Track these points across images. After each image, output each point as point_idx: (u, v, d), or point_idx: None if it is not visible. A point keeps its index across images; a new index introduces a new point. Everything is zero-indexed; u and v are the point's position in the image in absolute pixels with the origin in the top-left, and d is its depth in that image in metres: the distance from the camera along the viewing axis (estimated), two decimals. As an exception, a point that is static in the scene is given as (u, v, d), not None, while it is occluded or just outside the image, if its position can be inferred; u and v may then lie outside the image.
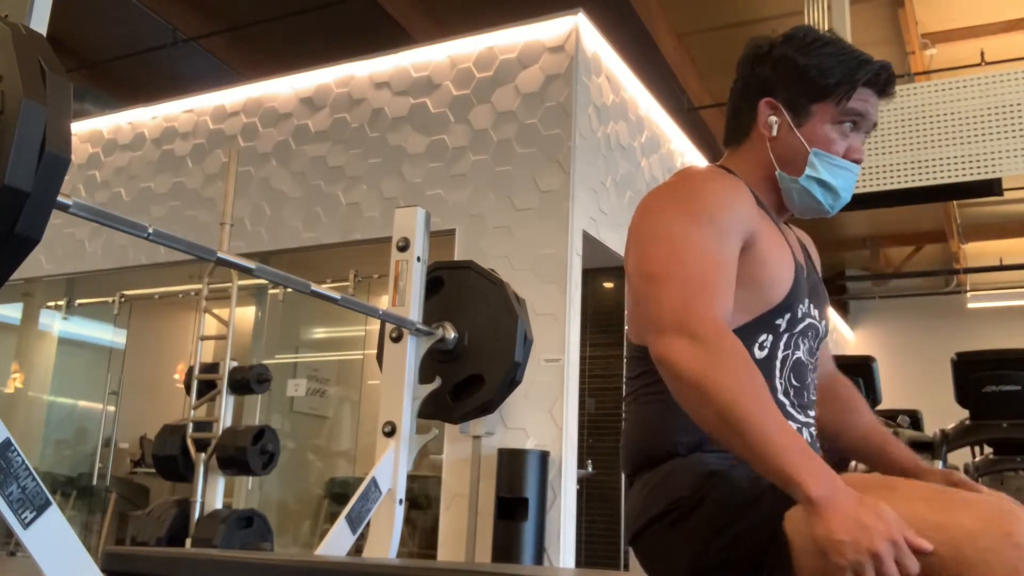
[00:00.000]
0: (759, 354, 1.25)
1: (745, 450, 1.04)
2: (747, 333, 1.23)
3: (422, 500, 5.36)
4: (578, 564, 4.40)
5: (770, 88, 1.32)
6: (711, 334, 1.09)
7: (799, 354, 1.29)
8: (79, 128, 6.38)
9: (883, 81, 1.31)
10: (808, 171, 1.31)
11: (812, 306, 1.33)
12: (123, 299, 6.63)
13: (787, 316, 1.27)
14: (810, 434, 1.31)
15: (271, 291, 5.95)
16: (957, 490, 1.01)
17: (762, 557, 1.07)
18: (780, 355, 1.27)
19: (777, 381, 1.26)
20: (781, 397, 1.26)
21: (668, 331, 1.11)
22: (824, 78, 1.28)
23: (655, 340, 1.12)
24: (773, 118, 1.32)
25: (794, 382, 1.29)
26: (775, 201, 1.37)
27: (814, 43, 1.31)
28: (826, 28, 4.72)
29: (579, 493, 4.46)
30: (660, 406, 1.24)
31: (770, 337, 1.25)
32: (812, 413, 1.33)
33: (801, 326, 1.29)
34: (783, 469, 1.00)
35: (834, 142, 1.31)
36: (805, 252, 1.43)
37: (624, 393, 1.36)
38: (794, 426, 1.22)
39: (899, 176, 3.86)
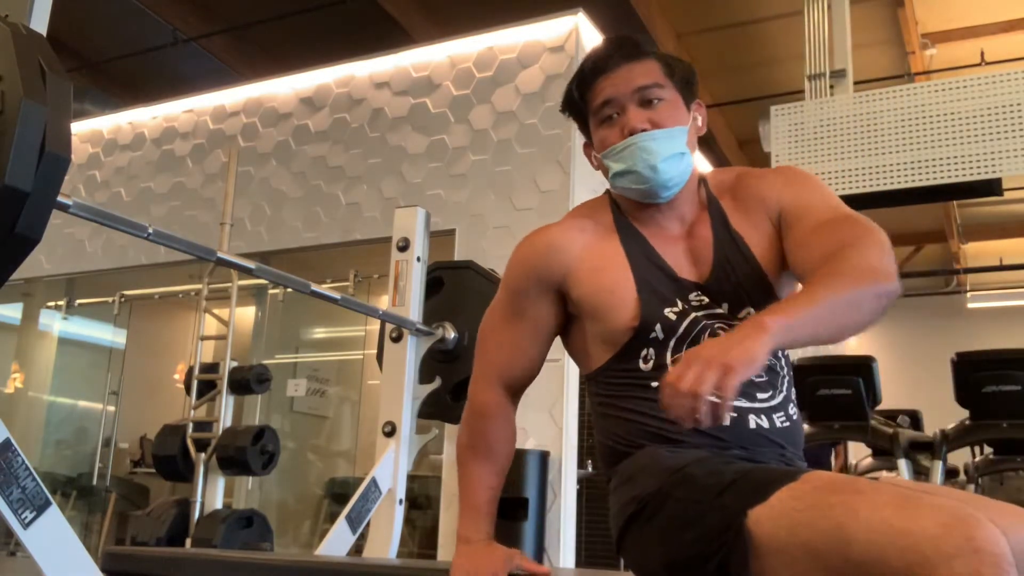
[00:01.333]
0: (644, 366, 1.30)
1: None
2: (622, 359, 1.31)
3: (422, 500, 5.36)
4: (578, 564, 4.40)
5: (586, 136, 1.45)
6: (467, 416, 1.49)
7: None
8: (79, 128, 6.38)
9: (595, 61, 1.38)
10: (611, 173, 1.38)
11: (706, 296, 1.31)
12: (123, 299, 6.63)
13: (657, 326, 1.29)
14: (768, 419, 1.27)
15: (271, 291, 5.95)
16: (923, 492, 1.01)
17: (727, 553, 1.07)
18: (671, 358, 1.28)
19: None
20: None
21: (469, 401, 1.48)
22: (577, 101, 1.41)
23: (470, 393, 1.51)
24: (592, 156, 1.43)
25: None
26: (683, 209, 1.40)
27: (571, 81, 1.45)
28: (826, 28, 4.67)
29: (579, 493, 4.45)
30: (608, 411, 1.37)
31: (651, 350, 1.30)
32: (762, 396, 1.28)
33: (686, 323, 1.28)
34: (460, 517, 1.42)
35: (607, 137, 1.37)
36: (736, 240, 1.36)
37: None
38: (733, 415, 1.20)
39: (899, 176, 3.86)
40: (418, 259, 2.49)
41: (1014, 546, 0.94)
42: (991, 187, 3.84)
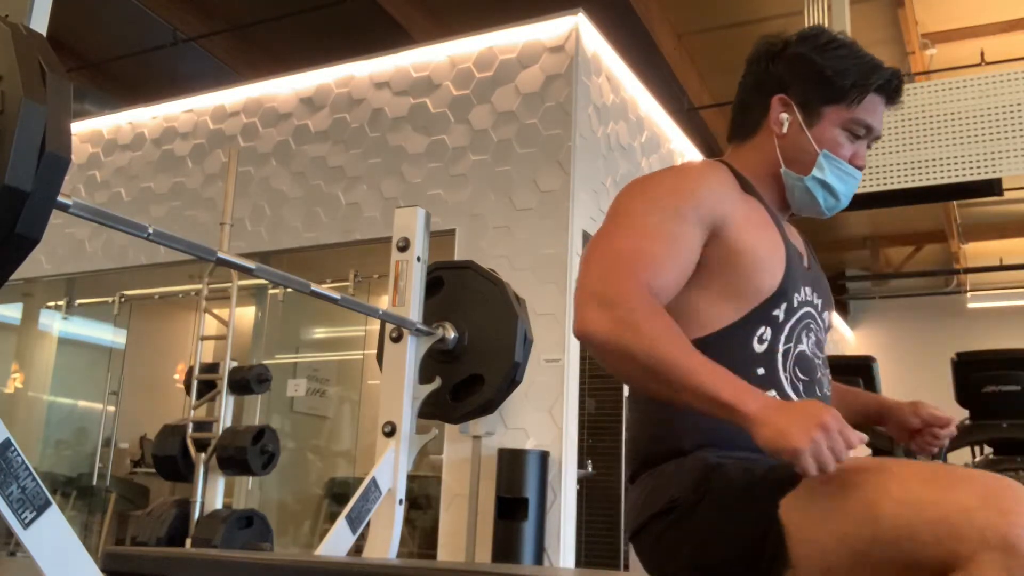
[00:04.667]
0: (759, 347, 1.23)
1: (677, 392, 1.05)
2: (744, 327, 1.23)
3: (422, 500, 5.36)
4: (578, 564, 4.40)
5: (784, 85, 1.33)
6: (624, 296, 1.09)
7: (802, 347, 1.27)
8: (79, 128, 6.38)
9: (893, 88, 1.33)
10: (815, 172, 1.33)
11: (815, 294, 1.32)
12: (123, 299, 6.63)
13: (783, 305, 1.26)
14: None
15: (271, 291, 5.95)
16: (954, 467, 1.00)
17: (761, 548, 1.06)
18: (781, 348, 1.25)
19: (782, 375, 1.24)
20: (789, 391, 1.24)
21: (584, 305, 1.10)
22: (840, 79, 1.29)
23: (574, 319, 1.12)
24: (785, 115, 1.33)
25: (801, 375, 1.26)
26: (777, 198, 1.38)
27: (830, 44, 1.32)
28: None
29: (579, 493, 4.45)
30: (664, 405, 1.22)
31: (768, 330, 1.24)
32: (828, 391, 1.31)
33: (799, 314, 1.27)
34: (717, 397, 1.02)
35: (842, 146, 1.33)
36: (808, 247, 1.44)
37: (627, 392, 1.35)
38: None
39: (899, 176, 3.86)
40: (418, 259, 2.49)
41: None
42: (991, 187, 3.85)
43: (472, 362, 2.53)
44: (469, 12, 5.85)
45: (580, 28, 4.71)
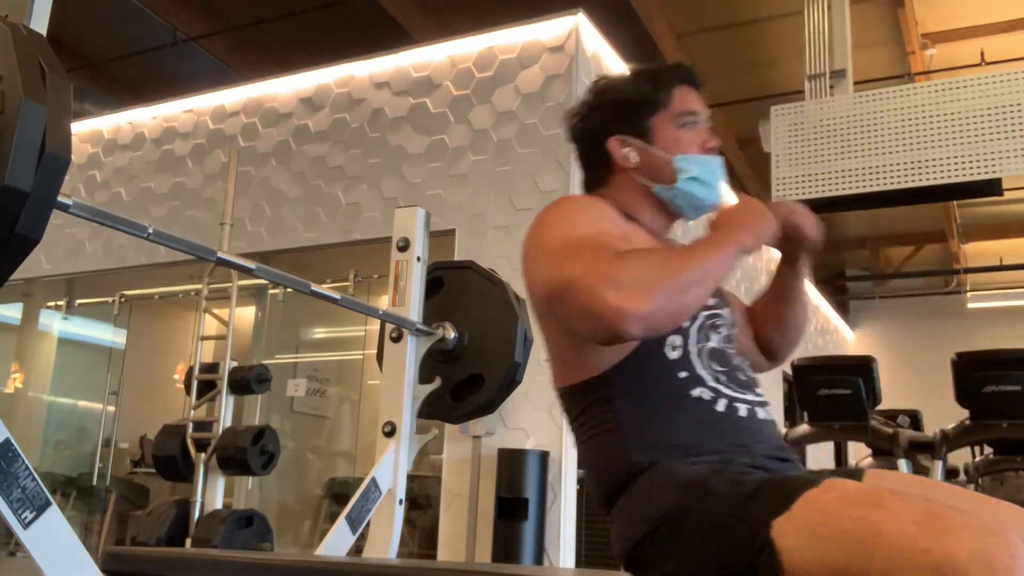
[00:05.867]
0: (674, 355, 1.28)
1: (714, 277, 1.19)
2: (654, 342, 1.28)
3: (422, 500, 5.36)
4: (578, 564, 4.40)
5: (608, 131, 1.43)
6: (618, 270, 1.14)
7: (712, 344, 1.32)
8: (79, 128, 6.38)
9: (688, 73, 1.44)
10: (680, 175, 1.40)
11: (710, 297, 1.35)
12: (123, 299, 6.63)
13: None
14: (767, 412, 1.32)
15: (271, 291, 5.95)
16: (948, 508, 0.99)
17: (755, 567, 1.06)
18: (694, 349, 1.30)
19: (702, 372, 1.29)
20: (714, 384, 1.28)
21: (599, 303, 1.12)
22: (644, 94, 1.42)
23: (601, 322, 1.12)
24: (626, 150, 1.42)
25: (719, 368, 1.30)
26: (658, 220, 1.45)
27: (618, 79, 1.48)
28: (826, 28, 4.67)
29: (579, 493, 4.45)
30: (608, 434, 1.28)
31: (678, 337, 1.29)
32: (760, 391, 1.34)
33: (702, 317, 1.33)
34: (727, 257, 1.20)
35: (685, 141, 1.41)
36: None
37: (575, 438, 1.37)
38: (744, 407, 1.28)
39: (899, 176, 3.86)
40: (418, 259, 2.49)
41: None
42: (991, 187, 3.84)
43: (472, 362, 2.53)
44: (469, 12, 5.85)
45: (580, 28, 4.71)
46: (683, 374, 1.27)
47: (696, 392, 1.26)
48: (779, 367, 1.74)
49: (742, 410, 1.28)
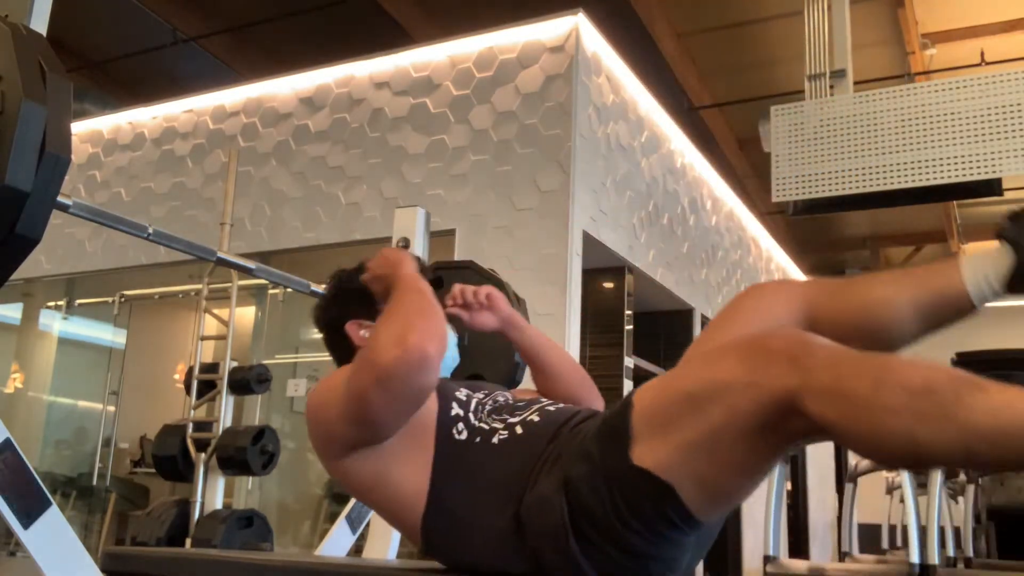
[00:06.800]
0: (464, 436, 1.38)
1: (425, 310, 1.31)
2: (445, 447, 1.36)
3: (422, 500, 5.35)
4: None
5: (345, 316, 1.59)
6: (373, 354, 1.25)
7: (491, 407, 1.44)
8: (79, 128, 6.38)
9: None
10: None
11: (476, 392, 1.49)
12: (123, 299, 6.62)
13: (453, 410, 1.41)
14: (543, 413, 1.40)
15: (271, 291, 5.95)
16: (750, 337, 1.12)
17: (660, 505, 1.13)
18: (476, 424, 1.39)
19: (489, 426, 1.38)
20: (503, 428, 1.37)
21: (368, 369, 1.23)
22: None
23: (378, 369, 1.22)
24: (364, 331, 1.57)
25: (501, 414, 1.41)
26: None
27: (344, 272, 1.66)
28: (826, 28, 4.65)
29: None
30: (453, 520, 1.33)
31: (459, 424, 1.39)
32: (520, 414, 1.42)
33: (474, 402, 1.45)
34: (404, 292, 1.37)
35: None
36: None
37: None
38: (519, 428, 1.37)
39: (899, 176, 3.86)
40: (418, 259, 2.48)
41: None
42: (991, 187, 3.84)
43: (472, 362, 2.53)
44: (469, 12, 5.84)
45: (580, 28, 4.71)
46: (478, 439, 1.37)
47: (499, 438, 1.37)
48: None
49: (518, 429, 1.36)
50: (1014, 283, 1.25)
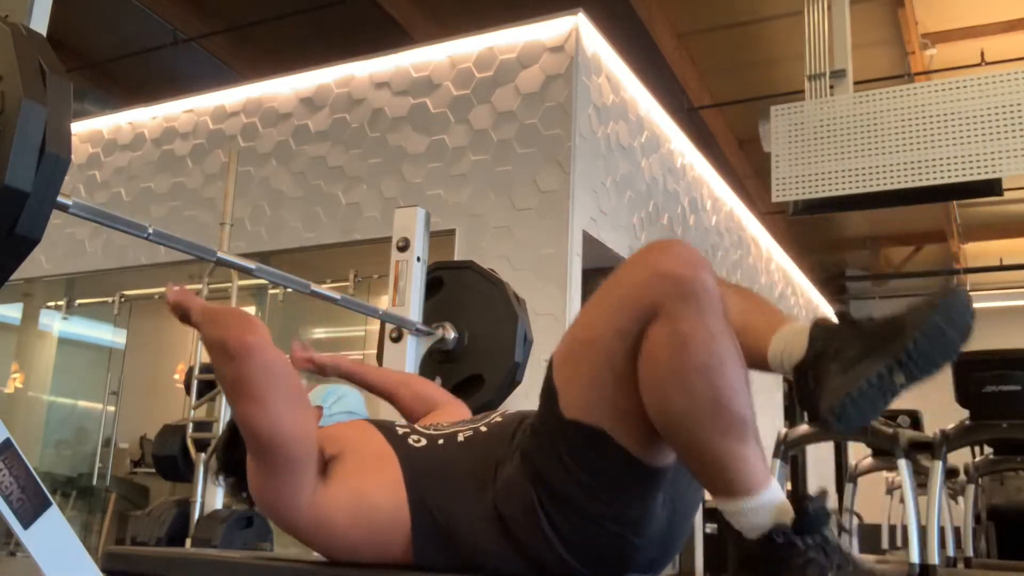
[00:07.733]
0: (419, 444, 1.43)
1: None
2: (404, 456, 1.40)
3: (422, 500, 5.35)
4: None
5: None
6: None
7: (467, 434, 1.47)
8: (79, 128, 6.37)
9: None
10: (326, 411, 1.71)
11: (411, 425, 1.55)
12: (123, 299, 6.62)
13: (401, 432, 1.46)
14: (475, 429, 1.47)
15: (271, 291, 5.95)
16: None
17: (604, 452, 1.17)
18: (432, 433, 1.46)
19: (450, 431, 1.47)
20: (459, 432, 1.46)
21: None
22: None
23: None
24: None
25: (458, 425, 1.49)
26: None
27: None
28: (826, 28, 4.68)
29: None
30: (436, 523, 1.35)
31: (413, 435, 1.44)
32: (474, 425, 1.49)
33: (420, 426, 1.52)
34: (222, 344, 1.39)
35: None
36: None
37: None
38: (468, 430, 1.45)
39: (899, 176, 3.86)
40: (418, 259, 2.49)
41: None
42: (991, 187, 3.85)
43: (472, 362, 2.53)
44: (469, 12, 5.85)
45: (580, 28, 4.71)
46: (440, 442, 1.45)
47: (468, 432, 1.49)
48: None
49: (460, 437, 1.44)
50: (800, 383, 1.30)
